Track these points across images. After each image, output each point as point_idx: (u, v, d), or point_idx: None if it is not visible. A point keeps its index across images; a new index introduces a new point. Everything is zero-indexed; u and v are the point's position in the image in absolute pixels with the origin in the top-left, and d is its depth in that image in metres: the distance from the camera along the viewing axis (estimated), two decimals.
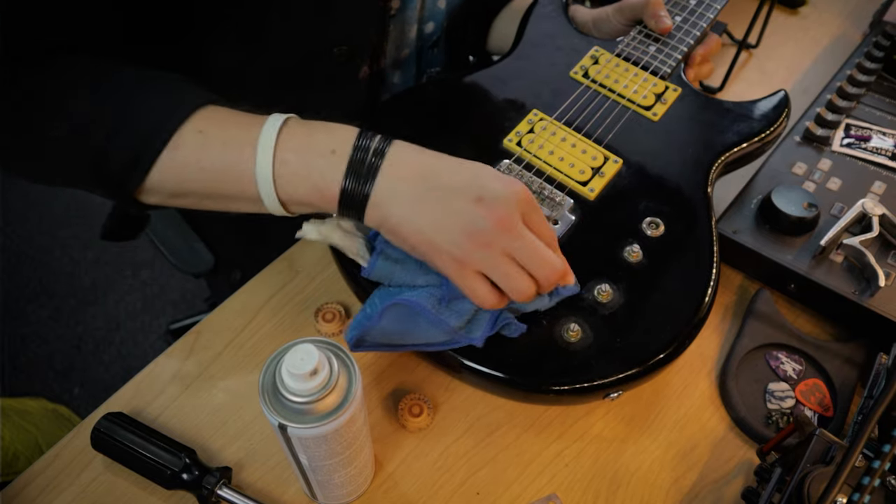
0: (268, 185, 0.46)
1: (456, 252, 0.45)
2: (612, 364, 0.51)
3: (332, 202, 0.47)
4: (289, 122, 0.48)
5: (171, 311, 1.60)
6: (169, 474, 0.49)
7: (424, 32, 0.74)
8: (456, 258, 0.45)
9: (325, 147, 0.46)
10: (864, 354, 0.60)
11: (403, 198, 0.46)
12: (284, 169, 0.46)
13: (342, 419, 0.41)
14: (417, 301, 0.48)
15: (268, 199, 0.47)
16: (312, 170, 0.46)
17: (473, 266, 0.46)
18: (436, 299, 0.49)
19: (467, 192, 0.45)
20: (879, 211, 0.62)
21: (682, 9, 0.72)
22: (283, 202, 0.48)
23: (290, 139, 0.47)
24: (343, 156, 0.46)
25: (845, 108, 0.74)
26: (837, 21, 0.98)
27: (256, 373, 0.56)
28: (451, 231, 0.45)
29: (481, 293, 0.46)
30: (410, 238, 0.46)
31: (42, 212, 1.76)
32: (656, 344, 0.52)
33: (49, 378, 1.48)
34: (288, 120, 0.48)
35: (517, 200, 0.45)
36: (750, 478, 0.54)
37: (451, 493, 0.52)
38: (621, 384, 0.51)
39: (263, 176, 0.46)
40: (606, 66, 0.68)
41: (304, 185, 0.46)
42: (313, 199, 0.47)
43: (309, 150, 0.46)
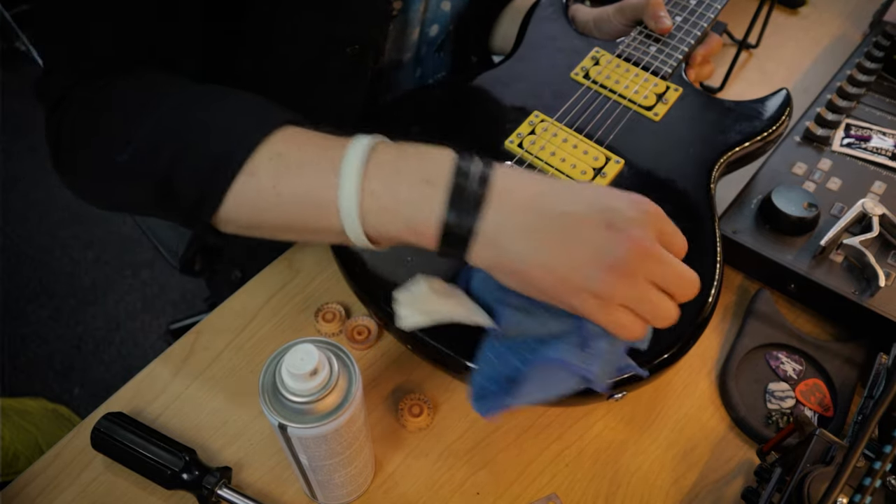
0: (353, 219, 0.40)
1: (597, 288, 0.39)
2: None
3: (430, 241, 0.40)
4: (377, 145, 0.41)
5: (171, 311, 1.60)
6: (169, 474, 0.49)
7: (429, 35, 0.74)
8: (597, 294, 0.39)
9: (417, 176, 0.40)
10: (864, 354, 0.60)
11: (520, 231, 0.39)
12: (372, 202, 0.40)
13: (342, 419, 0.41)
14: (563, 359, 0.41)
15: (353, 233, 0.41)
16: (404, 203, 0.39)
17: (618, 300, 0.39)
18: (577, 347, 0.42)
19: (595, 218, 0.39)
20: (879, 211, 0.62)
21: (683, 9, 0.72)
22: (371, 238, 0.41)
23: (378, 166, 0.40)
24: (440, 186, 0.39)
25: (845, 108, 0.74)
26: (837, 21, 0.98)
27: (256, 373, 0.56)
28: (586, 265, 0.39)
29: (630, 326, 0.40)
30: (537, 279, 0.40)
31: (42, 212, 1.76)
32: (660, 344, 0.52)
33: (49, 378, 1.48)
34: (376, 143, 0.42)
35: (649, 219, 0.40)
36: (750, 478, 0.54)
37: (451, 493, 0.52)
38: (625, 385, 0.51)
39: (348, 208, 0.40)
40: (607, 67, 0.68)
41: (395, 221, 0.40)
42: (407, 236, 0.41)
43: (399, 179, 0.40)
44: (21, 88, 1.98)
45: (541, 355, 0.42)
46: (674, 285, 0.41)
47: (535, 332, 0.43)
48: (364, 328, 0.60)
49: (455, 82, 0.70)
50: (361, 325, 0.60)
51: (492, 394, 0.43)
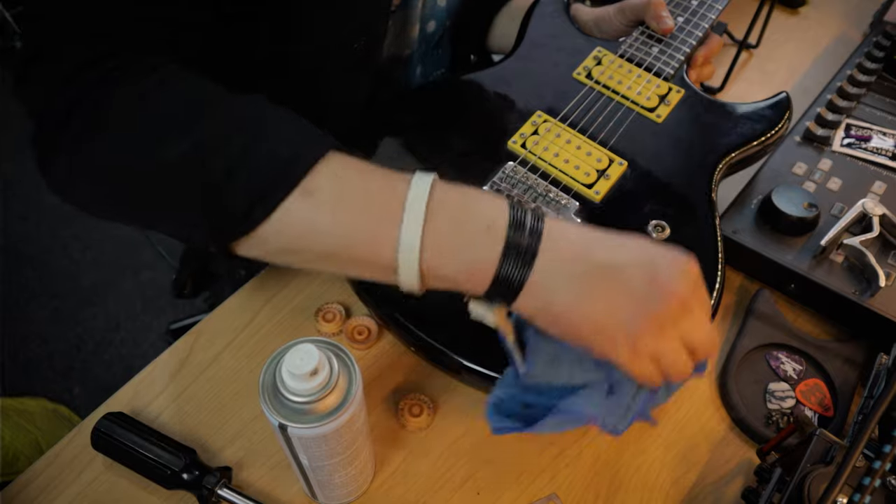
0: (412, 254, 0.39)
1: (634, 337, 0.40)
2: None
3: (481, 285, 0.41)
4: (437, 183, 0.41)
5: (171, 311, 1.60)
6: (169, 474, 0.49)
7: (427, 32, 0.74)
8: (632, 344, 0.41)
9: (481, 221, 0.40)
10: (864, 354, 0.60)
11: (567, 282, 0.40)
12: (435, 239, 0.40)
13: (342, 419, 0.41)
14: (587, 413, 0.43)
15: (406, 268, 0.40)
16: (466, 246, 0.40)
17: (647, 350, 0.41)
18: (601, 397, 0.44)
19: (639, 270, 0.40)
20: (880, 211, 0.62)
21: (684, 10, 0.72)
22: (423, 275, 0.41)
23: (443, 206, 0.40)
24: (499, 234, 0.40)
25: (846, 108, 0.74)
26: (837, 21, 0.98)
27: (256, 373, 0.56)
28: (627, 314, 0.40)
29: (652, 378, 0.42)
30: (577, 327, 0.41)
31: (42, 212, 1.76)
32: None
33: (49, 378, 1.48)
34: (436, 181, 0.41)
35: (691, 278, 0.41)
36: (750, 478, 0.54)
37: (451, 493, 0.52)
38: None
39: (409, 243, 0.39)
40: (609, 68, 0.68)
41: (454, 261, 0.40)
42: (460, 278, 0.41)
43: (465, 222, 0.40)
44: None
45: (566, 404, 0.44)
46: (698, 344, 0.42)
47: (561, 381, 0.45)
48: (364, 328, 0.60)
49: (456, 80, 0.69)
50: (361, 325, 0.60)
51: (507, 415, 0.45)
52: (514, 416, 0.45)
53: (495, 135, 0.63)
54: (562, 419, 0.44)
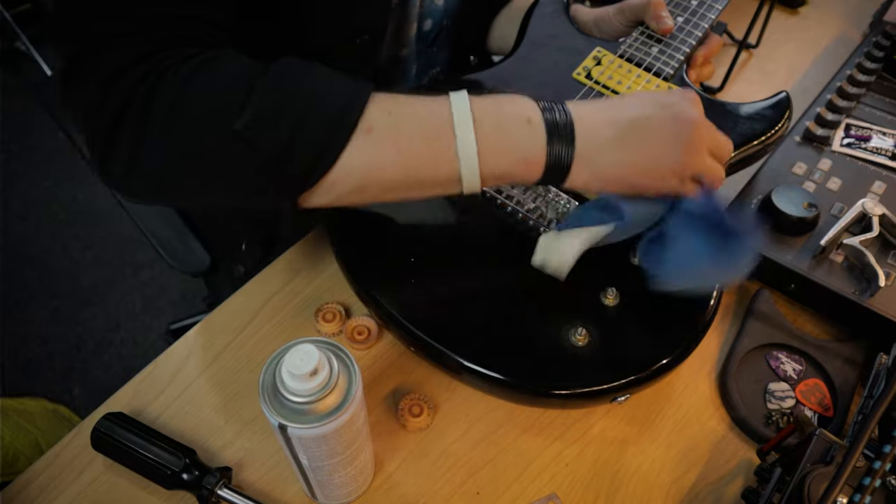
0: (472, 162, 0.45)
1: (677, 168, 0.48)
2: (620, 367, 0.51)
3: (536, 171, 0.47)
4: (472, 99, 0.46)
5: (171, 311, 1.60)
6: (169, 474, 0.49)
7: (423, 30, 0.74)
8: (677, 174, 0.48)
9: (520, 118, 0.46)
10: (864, 354, 0.60)
11: (608, 145, 0.47)
12: (486, 143, 0.45)
13: (342, 419, 0.41)
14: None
15: (469, 176, 0.46)
16: (515, 141, 0.46)
17: (689, 173, 0.49)
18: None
19: (661, 114, 0.48)
20: (879, 211, 0.62)
21: (684, 9, 0.72)
22: (484, 177, 0.47)
23: (485, 114, 0.46)
24: (539, 123, 0.46)
25: (845, 107, 0.74)
26: (837, 21, 0.98)
27: (256, 373, 0.56)
28: (666, 152, 0.48)
29: (693, 191, 0.50)
30: (630, 177, 0.48)
31: (42, 212, 1.76)
32: (664, 347, 0.52)
33: (49, 378, 1.48)
34: (471, 98, 0.47)
35: (698, 102, 0.50)
36: (750, 478, 0.54)
37: (451, 493, 0.52)
38: (629, 388, 0.51)
39: (467, 152, 0.45)
40: (609, 68, 0.68)
41: (507, 157, 0.46)
42: (516, 170, 0.47)
43: (506, 122, 0.46)
44: (21, 88, 1.98)
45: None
46: (719, 149, 0.51)
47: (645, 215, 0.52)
48: (364, 328, 0.60)
49: (457, 81, 0.69)
50: (361, 325, 0.60)
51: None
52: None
53: None
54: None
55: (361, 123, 0.44)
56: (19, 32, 2.00)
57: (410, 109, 0.46)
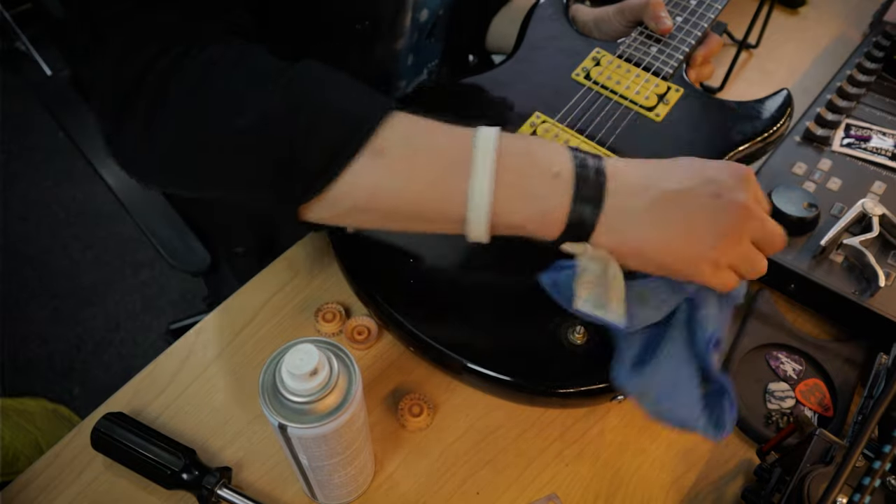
0: (482, 208, 0.41)
1: (712, 255, 0.43)
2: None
3: (552, 230, 0.43)
4: (501, 136, 0.43)
5: (171, 311, 1.60)
6: (169, 474, 0.49)
7: (419, 21, 0.74)
8: (711, 260, 0.43)
9: (548, 169, 0.42)
10: (864, 354, 0.60)
11: (638, 215, 0.42)
12: (505, 191, 0.42)
13: (342, 419, 0.41)
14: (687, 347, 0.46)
15: (476, 221, 0.42)
16: (537, 194, 0.42)
17: (726, 262, 0.44)
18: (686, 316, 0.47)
19: (702, 191, 0.42)
20: (879, 211, 0.62)
21: (683, 9, 0.72)
22: (493, 225, 0.43)
23: (510, 158, 0.42)
24: (568, 178, 0.42)
25: (845, 108, 0.74)
26: (837, 21, 0.98)
27: (256, 373, 0.56)
28: (703, 235, 0.42)
29: (730, 282, 0.45)
30: (658, 255, 0.43)
31: (42, 212, 1.76)
32: None
33: (49, 378, 1.48)
34: (500, 134, 0.43)
35: (748, 183, 0.43)
36: (750, 478, 0.54)
37: (451, 493, 0.52)
38: None
39: (479, 197, 0.41)
40: (608, 68, 0.68)
41: (525, 210, 0.42)
42: (531, 225, 0.43)
43: (532, 171, 0.42)
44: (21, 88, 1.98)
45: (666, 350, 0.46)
46: (768, 241, 0.45)
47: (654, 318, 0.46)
48: (364, 328, 0.60)
49: (455, 83, 0.69)
50: (361, 325, 0.60)
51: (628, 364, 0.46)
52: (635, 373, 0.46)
53: None
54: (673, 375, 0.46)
55: (375, 142, 0.42)
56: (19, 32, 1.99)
57: (430, 139, 0.43)
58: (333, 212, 0.45)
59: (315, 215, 0.46)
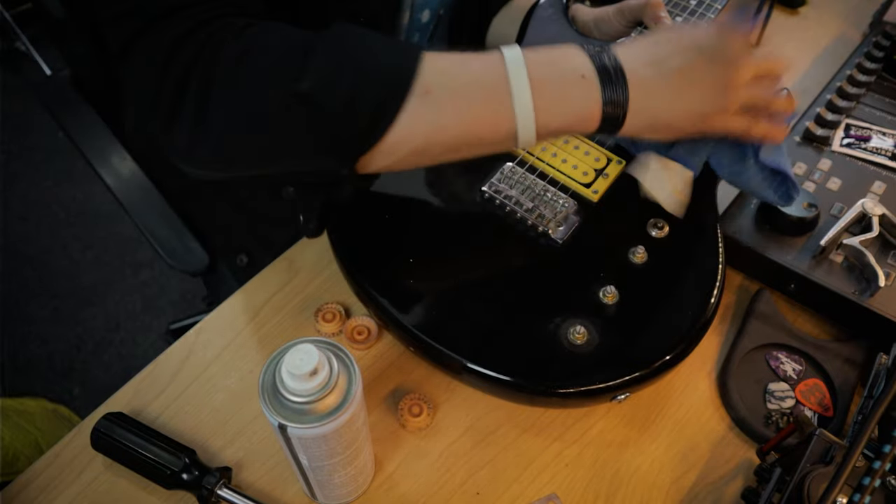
0: (528, 119, 0.46)
1: (720, 107, 0.50)
2: (620, 366, 0.51)
3: (592, 124, 0.49)
4: (525, 52, 0.47)
5: (171, 311, 1.60)
6: (169, 474, 0.49)
7: (420, 21, 0.74)
8: (720, 113, 0.51)
9: (574, 73, 0.47)
10: (864, 354, 0.60)
11: (656, 92, 0.49)
12: (542, 100, 0.46)
13: (342, 419, 0.41)
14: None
15: (525, 133, 0.47)
16: (571, 97, 0.47)
17: (734, 109, 0.51)
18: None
19: (700, 60, 0.49)
20: (879, 211, 0.62)
21: (683, 9, 0.72)
22: (540, 133, 0.48)
23: (539, 72, 0.47)
24: (592, 78, 0.47)
25: (845, 108, 0.74)
26: (837, 21, 0.98)
27: (256, 373, 0.56)
28: (711, 93, 0.50)
29: (745, 125, 0.52)
30: (683, 121, 0.50)
31: (42, 212, 1.76)
32: (663, 345, 0.52)
33: (49, 378, 1.48)
34: (524, 51, 0.47)
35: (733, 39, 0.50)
36: (750, 478, 0.54)
37: (451, 493, 0.52)
38: (629, 386, 0.51)
39: (524, 110, 0.46)
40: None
41: (563, 114, 0.48)
42: (572, 125, 0.49)
43: (561, 79, 0.47)
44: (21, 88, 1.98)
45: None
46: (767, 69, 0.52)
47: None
48: (364, 328, 0.60)
49: None
50: (361, 325, 0.60)
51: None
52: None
53: None
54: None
55: (419, 84, 0.45)
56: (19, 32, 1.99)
57: (465, 69, 0.47)
58: (394, 158, 0.48)
59: (377, 165, 0.48)
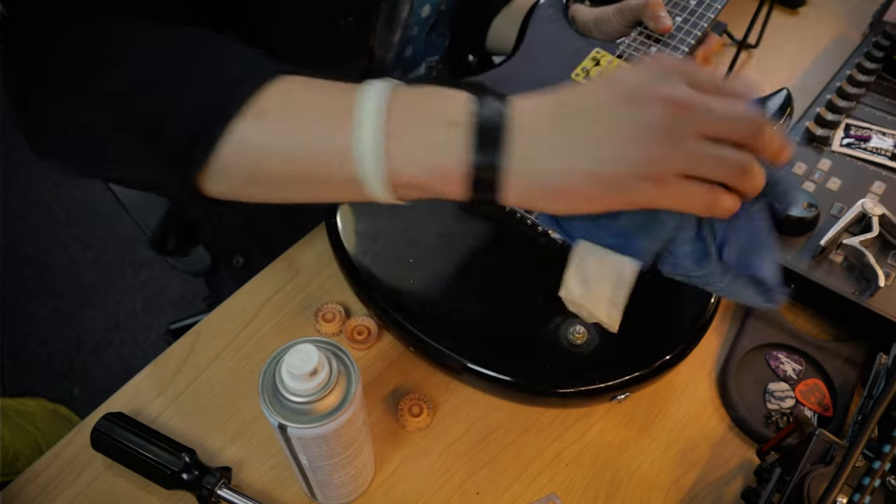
0: (371, 164, 0.37)
1: (646, 170, 0.35)
2: (619, 366, 0.51)
3: (457, 184, 0.38)
4: (395, 88, 0.39)
5: (171, 311, 1.60)
6: (169, 474, 0.49)
7: (420, 16, 0.73)
8: (649, 177, 0.35)
9: (440, 118, 0.38)
10: (864, 354, 0.60)
11: (550, 148, 0.36)
12: (396, 145, 0.37)
13: (342, 419, 0.41)
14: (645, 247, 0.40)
15: (372, 178, 0.38)
16: (431, 146, 0.37)
17: (671, 173, 0.35)
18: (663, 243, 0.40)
19: (612, 100, 0.36)
20: (879, 211, 0.62)
21: (683, 9, 0.72)
22: (392, 184, 0.39)
23: (399, 109, 0.38)
24: (464, 126, 0.37)
25: (845, 108, 0.74)
26: (837, 21, 0.98)
27: (256, 373, 0.56)
28: (628, 147, 0.35)
29: (692, 194, 0.35)
30: (581, 188, 0.36)
31: (42, 212, 1.76)
32: (663, 345, 0.52)
33: (49, 378, 1.48)
34: (394, 86, 0.39)
35: (665, 70, 0.36)
36: (750, 478, 0.54)
37: (451, 493, 0.52)
38: (629, 386, 0.51)
39: (364, 152, 0.37)
40: (608, 68, 0.68)
41: (420, 164, 0.38)
42: (432, 181, 0.38)
43: (424, 121, 0.38)
44: None
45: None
46: (733, 129, 0.35)
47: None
48: (364, 328, 0.60)
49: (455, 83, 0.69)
50: (361, 325, 0.60)
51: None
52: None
53: None
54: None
55: (256, 104, 0.39)
56: None
57: (314, 94, 0.40)
58: (231, 184, 0.42)
59: (214, 187, 0.42)
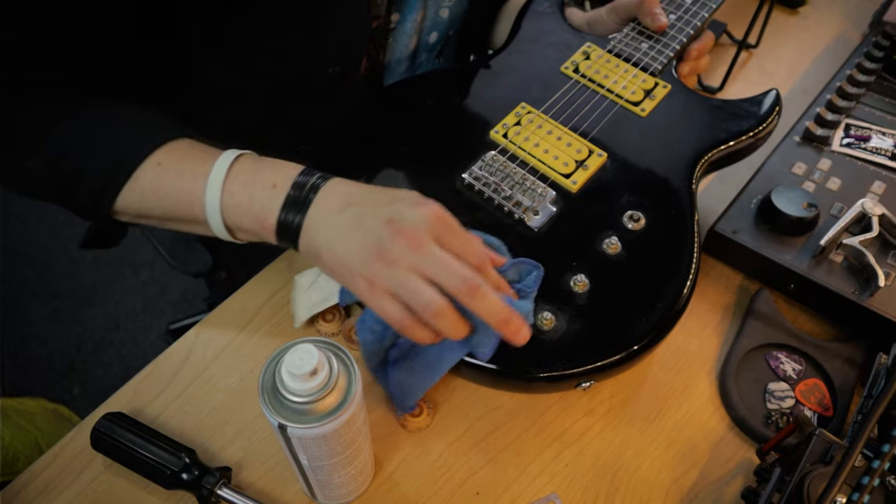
0: (215, 214, 0.51)
1: (364, 271, 0.46)
2: (584, 354, 0.51)
3: (270, 231, 0.50)
4: (242, 157, 0.52)
5: (171, 311, 1.60)
6: (169, 474, 0.49)
7: (428, 43, 0.74)
8: (365, 277, 0.46)
9: (268, 182, 0.50)
10: (864, 354, 0.60)
11: (328, 225, 0.48)
12: (230, 200, 0.50)
13: (342, 419, 0.41)
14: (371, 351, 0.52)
15: (216, 226, 0.52)
16: (255, 201, 0.50)
17: (381, 285, 0.45)
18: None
19: (380, 214, 0.47)
20: (879, 211, 0.62)
21: (678, 7, 0.72)
22: (229, 229, 0.52)
23: (239, 174, 0.51)
24: (283, 189, 0.49)
25: (845, 108, 0.74)
26: (837, 21, 0.98)
27: (256, 373, 0.56)
28: (360, 251, 0.46)
29: (390, 311, 0.45)
30: (329, 262, 0.48)
31: (42, 212, 1.77)
32: (629, 336, 0.52)
33: (49, 378, 1.48)
34: (241, 156, 0.52)
35: (427, 221, 0.46)
36: (750, 478, 0.54)
37: (451, 493, 0.52)
38: (592, 374, 0.51)
39: (211, 205, 0.51)
40: (597, 62, 0.68)
41: (247, 215, 0.50)
42: (255, 228, 0.51)
43: (254, 183, 0.50)
44: None
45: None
46: (439, 274, 0.45)
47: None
48: None
49: (445, 73, 0.70)
50: None
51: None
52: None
53: (479, 125, 0.64)
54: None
55: (134, 173, 0.52)
56: None
57: (178, 162, 0.52)
58: (127, 218, 0.56)
59: (119, 219, 0.56)
